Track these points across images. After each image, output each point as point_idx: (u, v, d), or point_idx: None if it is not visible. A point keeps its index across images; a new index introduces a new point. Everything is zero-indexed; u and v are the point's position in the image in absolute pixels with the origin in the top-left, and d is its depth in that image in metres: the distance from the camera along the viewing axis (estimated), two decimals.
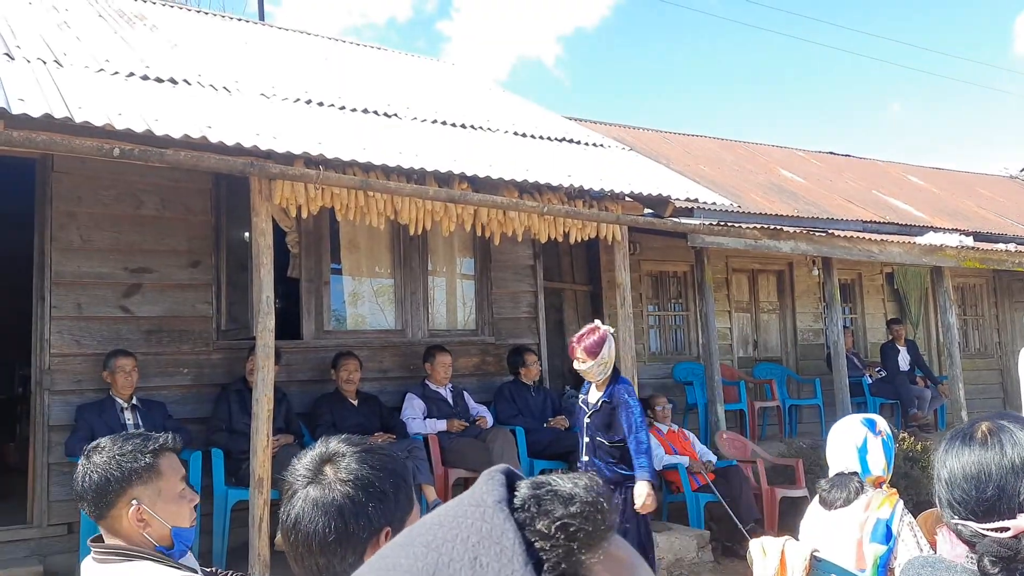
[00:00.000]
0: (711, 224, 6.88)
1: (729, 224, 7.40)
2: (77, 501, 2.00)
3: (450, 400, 6.34)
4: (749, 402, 8.67)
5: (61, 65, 4.90)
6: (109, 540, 1.96)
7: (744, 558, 5.78)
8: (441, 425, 6.13)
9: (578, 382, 8.20)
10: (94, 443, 2.03)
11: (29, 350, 5.52)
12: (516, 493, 0.57)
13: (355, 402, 6.02)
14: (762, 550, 2.72)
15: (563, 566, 0.53)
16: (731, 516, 5.90)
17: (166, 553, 1.97)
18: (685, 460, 6.53)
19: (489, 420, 6.41)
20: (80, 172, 5.45)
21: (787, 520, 5.98)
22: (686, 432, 7.07)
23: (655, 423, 6.84)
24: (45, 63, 4.85)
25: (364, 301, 6.87)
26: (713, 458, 6.76)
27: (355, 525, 1.20)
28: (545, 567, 0.53)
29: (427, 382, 6.36)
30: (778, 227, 7.92)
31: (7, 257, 6.81)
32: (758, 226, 7.65)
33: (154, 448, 1.98)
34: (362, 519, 1.21)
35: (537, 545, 0.53)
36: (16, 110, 3.91)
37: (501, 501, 0.55)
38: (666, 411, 6.99)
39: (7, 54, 4.79)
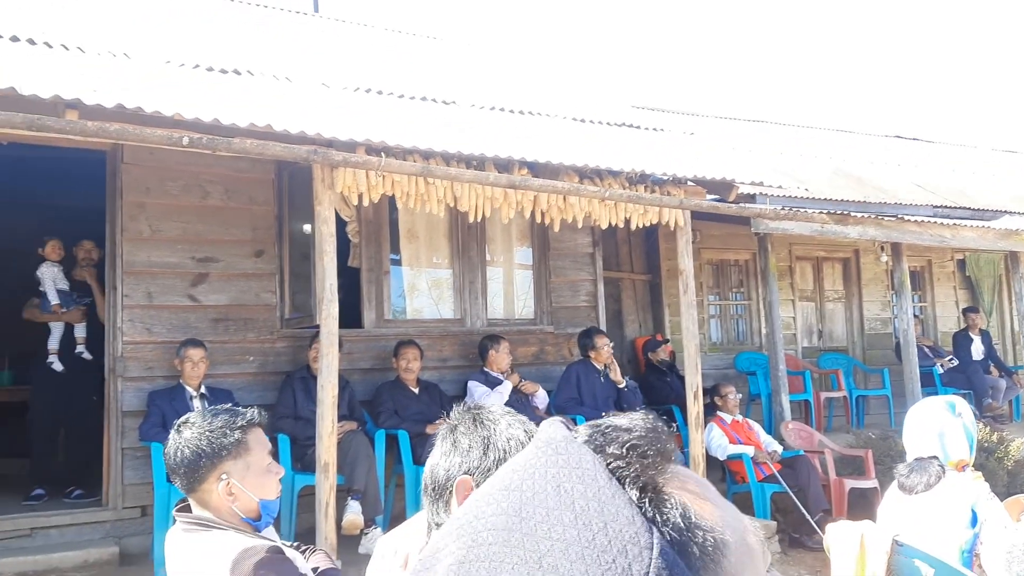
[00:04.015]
0: (777, 209, 6.73)
1: (795, 209, 7.23)
2: (170, 474, 2.05)
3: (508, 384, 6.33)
4: (814, 392, 8.48)
5: (130, 57, 5.00)
6: (197, 511, 2.00)
7: (812, 549, 5.68)
8: (508, 386, 6.14)
9: (636, 372, 8.17)
10: (183, 418, 2.10)
11: None
12: (576, 434, 0.58)
13: (416, 390, 6.05)
14: (840, 535, 2.64)
15: (641, 479, 0.54)
16: (798, 507, 5.77)
17: (252, 524, 2.01)
18: (750, 450, 6.41)
19: (540, 405, 6.36)
20: (149, 163, 5.56)
21: (856, 512, 5.84)
22: (750, 422, 6.94)
23: (719, 412, 6.73)
24: (115, 56, 4.96)
25: (423, 290, 6.90)
26: (779, 448, 6.63)
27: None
28: (626, 483, 0.54)
29: (486, 370, 6.35)
30: (845, 212, 7.72)
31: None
32: (824, 212, 7.47)
33: (242, 424, 2.03)
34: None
35: (612, 465, 0.55)
36: (89, 101, 4.00)
37: (569, 437, 0.56)
38: (734, 400, 6.87)
39: (79, 47, 4.92)
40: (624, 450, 0.56)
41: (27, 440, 6.26)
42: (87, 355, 6.12)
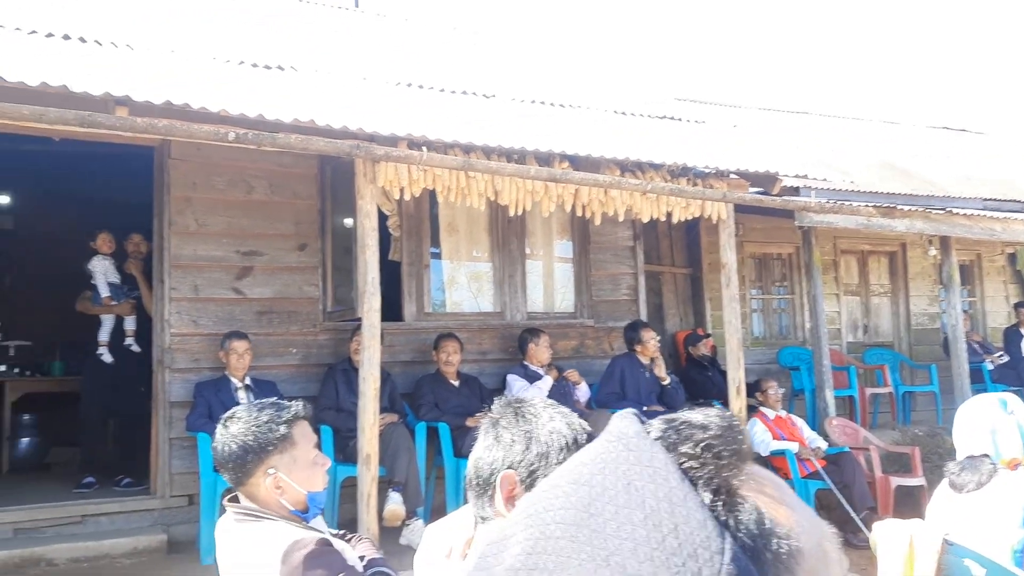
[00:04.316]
0: (822, 202, 6.63)
1: (840, 202, 7.12)
2: (218, 468, 2.08)
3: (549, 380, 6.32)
4: (859, 388, 8.35)
5: (176, 54, 5.09)
6: (245, 502, 2.04)
7: (857, 547, 5.59)
8: (548, 382, 6.14)
9: (676, 367, 8.11)
10: (229, 412, 2.11)
11: None
12: (649, 429, 0.57)
13: (456, 383, 6.07)
14: (888, 534, 2.60)
15: (715, 481, 0.53)
16: (843, 504, 5.69)
17: (300, 516, 2.03)
18: (794, 446, 6.33)
19: (582, 398, 6.35)
20: (195, 159, 5.66)
21: (903, 510, 5.74)
22: (794, 418, 6.86)
23: (762, 408, 6.66)
24: (162, 53, 5.05)
25: (462, 284, 6.92)
26: (823, 444, 6.54)
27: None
28: (699, 484, 0.53)
29: (526, 363, 6.36)
30: (892, 205, 7.58)
31: None
32: (870, 204, 7.34)
33: (288, 418, 2.05)
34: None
35: (686, 465, 0.53)
36: (139, 97, 4.08)
37: (641, 432, 0.55)
38: (776, 395, 6.78)
39: (128, 45, 5.01)
40: (698, 449, 0.54)
41: (78, 429, 6.41)
42: (135, 347, 6.25)
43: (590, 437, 1.42)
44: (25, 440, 7.32)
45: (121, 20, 5.69)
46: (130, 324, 6.24)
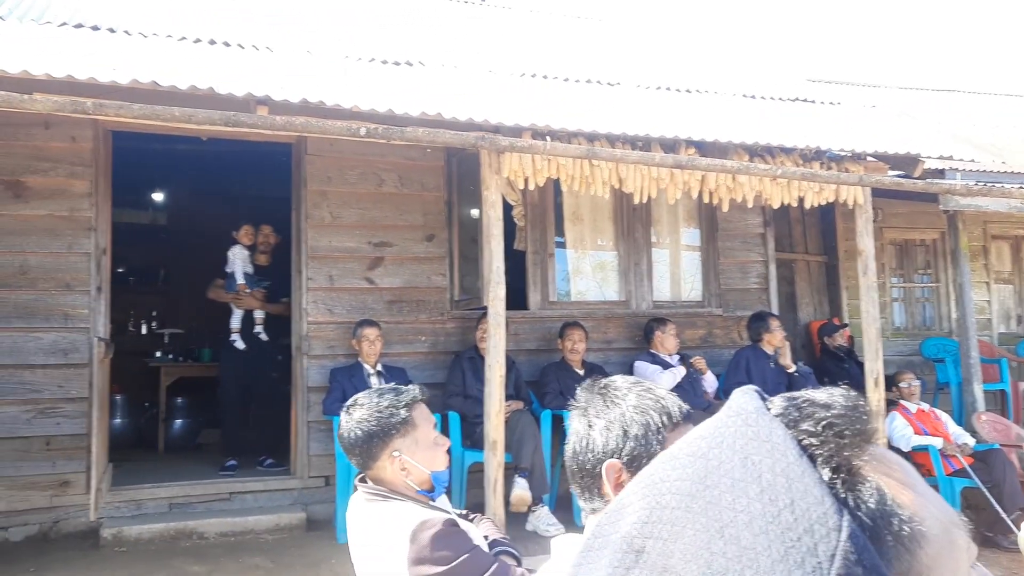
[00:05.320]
0: (969, 185, 6.23)
1: (990, 184, 6.67)
2: (346, 453, 2.18)
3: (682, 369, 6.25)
4: (1012, 382, 7.82)
5: (312, 54, 5.31)
6: (372, 483, 2.13)
7: (1008, 549, 5.26)
8: (682, 371, 6.10)
9: (810, 358, 7.83)
10: (352, 399, 2.20)
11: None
12: (770, 406, 0.56)
13: (581, 371, 6.08)
14: None
15: (836, 459, 0.52)
16: (992, 504, 5.35)
17: (425, 495, 2.11)
18: (938, 442, 6.00)
19: (710, 389, 6.24)
20: (329, 154, 5.90)
21: None
22: (938, 412, 6.49)
23: (901, 401, 6.35)
24: (299, 54, 5.29)
25: (587, 273, 6.92)
26: (971, 441, 6.16)
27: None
28: (818, 461, 0.52)
29: (652, 351, 6.30)
30: None
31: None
32: None
33: (408, 401, 2.12)
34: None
35: (805, 442, 0.52)
36: (278, 97, 4.30)
37: (761, 408, 0.54)
38: (913, 388, 6.45)
39: (268, 47, 5.27)
40: (819, 427, 0.54)
41: (219, 413, 6.80)
42: (264, 335, 6.51)
43: (686, 413, 1.39)
44: (179, 422, 7.86)
45: (261, 24, 5.99)
46: (259, 314, 6.50)
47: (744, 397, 0.56)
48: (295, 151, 5.99)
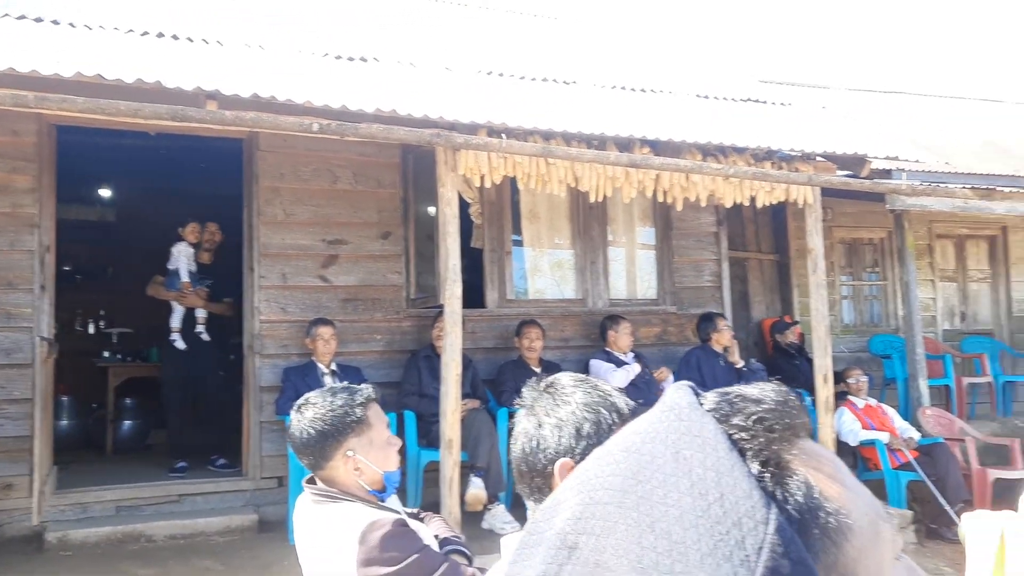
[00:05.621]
0: (914, 185, 6.38)
1: (934, 184, 6.83)
2: (296, 453, 2.14)
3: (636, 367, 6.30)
4: (956, 377, 8.02)
5: (264, 49, 5.24)
6: (322, 484, 2.10)
7: (950, 541, 5.40)
8: (636, 369, 6.14)
9: (762, 355, 7.95)
10: (303, 398, 2.16)
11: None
12: (703, 401, 0.57)
13: (538, 369, 6.08)
14: (978, 526, 2.50)
15: (765, 453, 0.53)
16: (936, 496, 5.49)
17: (376, 495, 2.09)
18: (884, 436, 6.14)
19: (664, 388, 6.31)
20: (282, 150, 5.82)
21: (1002, 503, 5.50)
22: (885, 407, 6.65)
23: (849, 396, 6.48)
24: (251, 48, 5.21)
25: (544, 271, 6.94)
26: (916, 435, 6.32)
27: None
28: (748, 456, 0.52)
29: (608, 350, 6.34)
30: (991, 187, 7.23)
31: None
32: (968, 186, 7.02)
33: (362, 400, 2.10)
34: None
35: (736, 437, 0.53)
36: (227, 91, 4.23)
37: (694, 403, 0.55)
38: (861, 384, 6.59)
39: (218, 41, 5.19)
40: (750, 422, 0.54)
41: (163, 414, 6.66)
42: (205, 336, 6.37)
43: (634, 409, 1.39)
44: (127, 423, 7.70)
45: (212, 17, 5.89)
46: (201, 313, 6.36)
47: (678, 393, 0.57)
48: (246, 147, 5.91)
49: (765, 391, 0.57)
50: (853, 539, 0.52)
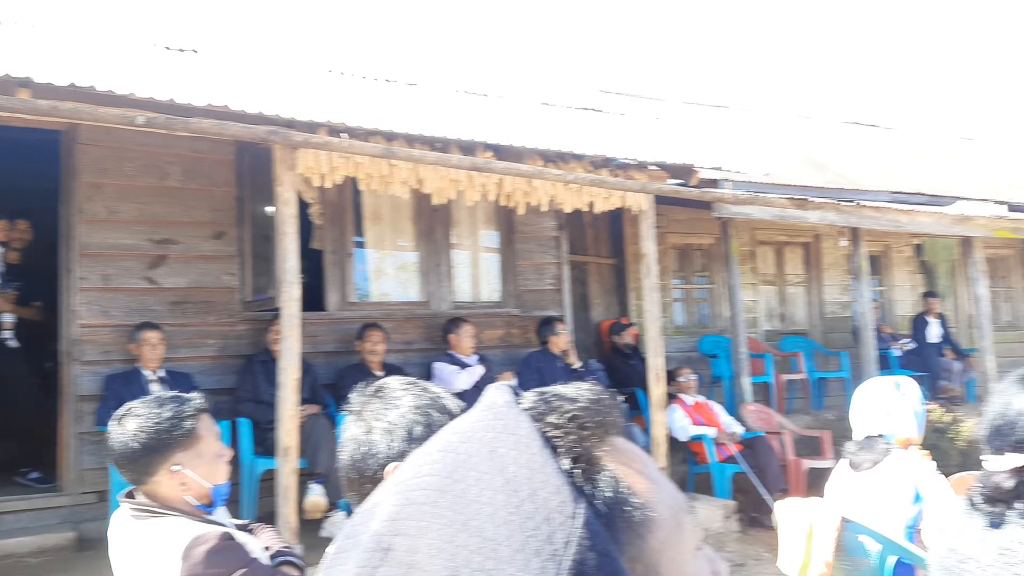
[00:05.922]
0: (738, 194, 6.79)
1: (756, 194, 7.30)
2: (117, 467, 2.00)
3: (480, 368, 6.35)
4: (775, 375, 8.60)
5: (85, 34, 4.90)
6: (142, 498, 1.98)
7: (770, 528, 5.77)
8: (479, 371, 6.18)
9: (601, 355, 8.23)
10: (125, 407, 2.01)
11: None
12: (521, 400, 0.58)
13: (380, 373, 6.02)
14: (790, 513, 2.69)
15: (576, 450, 0.55)
16: (757, 486, 5.87)
17: (203, 509, 1.98)
18: (711, 431, 6.50)
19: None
20: (105, 144, 5.46)
21: (814, 491, 5.94)
22: (712, 404, 7.04)
23: (680, 394, 6.81)
24: (69, 33, 4.86)
25: (388, 273, 6.87)
26: (740, 429, 6.73)
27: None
28: (560, 452, 0.54)
29: (452, 352, 6.36)
30: (804, 197, 7.80)
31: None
32: (786, 197, 7.55)
33: (191, 412, 1.98)
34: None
35: (550, 434, 0.55)
36: (41, 79, 3.92)
37: (511, 402, 0.57)
38: (690, 382, 6.95)
39: (32, 24, 4.81)
40: (564, 419, 0.56)
41: None
42: (13, 342, 5.82)
43: (464, 409, 1.39)
44: None
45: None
46: (8, 317, 5.83)
47: (496, 392, 0.58)
48: (65, 139, 5.50)
49: (581, 390, 0.60)
50: (657, 531, 0.55)
